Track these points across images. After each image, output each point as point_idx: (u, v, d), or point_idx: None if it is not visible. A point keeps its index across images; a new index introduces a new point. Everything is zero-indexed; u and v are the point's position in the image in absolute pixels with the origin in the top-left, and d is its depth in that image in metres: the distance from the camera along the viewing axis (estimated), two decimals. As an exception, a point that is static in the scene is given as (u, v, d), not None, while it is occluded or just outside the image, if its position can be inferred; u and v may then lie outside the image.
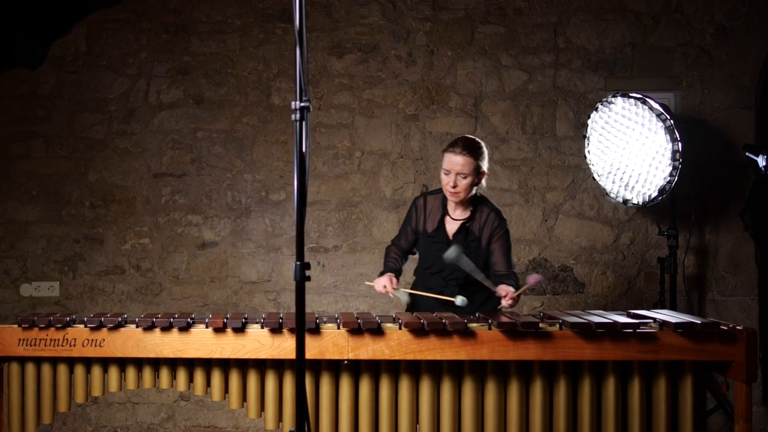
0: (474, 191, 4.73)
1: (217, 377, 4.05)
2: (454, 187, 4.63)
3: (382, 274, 4.84)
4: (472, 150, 4.64)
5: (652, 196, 5.73)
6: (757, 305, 6.49)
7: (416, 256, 5.05)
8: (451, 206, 4.81)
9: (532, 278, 4.58)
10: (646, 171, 5.74)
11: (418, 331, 3.91)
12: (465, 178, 4.63)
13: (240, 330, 3.97)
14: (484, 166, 4.72)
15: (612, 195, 6.01)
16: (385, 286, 4.71)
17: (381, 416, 3.99)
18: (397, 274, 4.88)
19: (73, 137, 6.52)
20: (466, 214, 4.78)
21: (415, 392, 3.99)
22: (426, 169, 6.46)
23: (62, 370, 4.10)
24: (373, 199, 6.49)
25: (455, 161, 4.62)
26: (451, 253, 4.58)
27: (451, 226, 4.79)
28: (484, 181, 4.79)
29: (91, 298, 6.52)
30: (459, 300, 4.55)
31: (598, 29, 6.51)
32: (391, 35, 6.53)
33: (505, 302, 4.56)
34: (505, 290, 4.56)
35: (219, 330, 3.98)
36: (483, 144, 4.77)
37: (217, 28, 6.53)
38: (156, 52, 6.55)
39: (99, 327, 4.01)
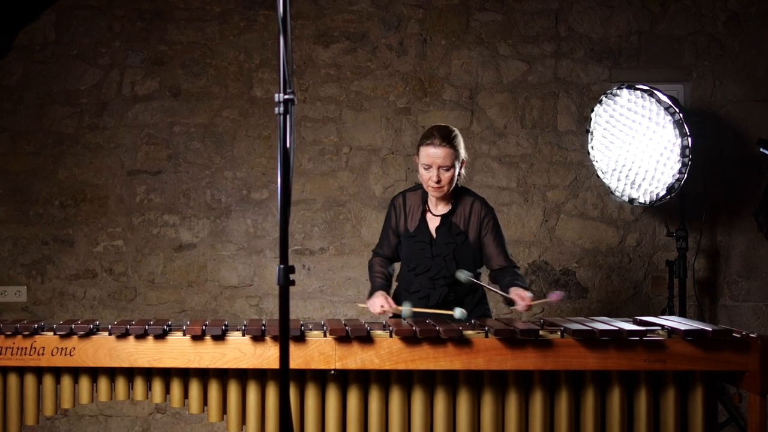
0: (456, 182, 4.73)
1: (195, 388, 4.04)
2: (438, 182, 4.61)
3: (371, 293, 4.80)
4: (450, 139, 4.61)
5: (660, 194, 5.73)
6: (771, 311, 6.52)
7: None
8: (431, 201, 4.80)
9: (555, 295, 4.54)
10: (653, 168, 5.75)
11: (410, 339, 3.91)
12: (448, 170, 4.61)
13: (220, 338, 3.97)
14: (463, 153, 4.70)
15: (617, 193, 6.02)
16: (382, 306, 4.63)
17: (370, 430, 3.99)
18: (387, 287, 4.87)
19: (42, 132, 6.51)
20: (448, 207, 4.77)
21: (407, 404, 3.99)
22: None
23: (30, 380, 4.08)
24: (361, 197, 6.49)
25: (436, 154, 4.59)
26: (461, 276, 4.59)
27: (433, 222, 4.77)
28: (463, 170, 4.77)
29: (60, 304, 6.51)
30: (458, 312, 4.46)
31: (603, 16, 6.52)
32: (381, 23, 6.53)
33: (519, 307, 4.48)
34: (520, 295, 4.49)
35: (197, 338, 3.97)
36: (457, 130, 4.73)
37: (196, 15, 6.53)
38: (130, 41, 6.54)
39: (69, 334, 4.00)
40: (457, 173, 4.66)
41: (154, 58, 6.53)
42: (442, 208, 4.77)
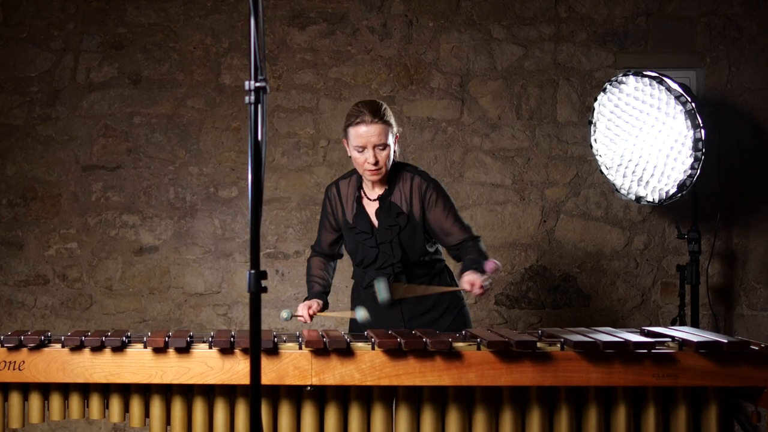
0: (392, 160, 4.68)
1: (157, 406, 4.03)
2: (376, 163, 4.55)
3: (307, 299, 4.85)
4: (381, 114, 4.56)
5: (670, 192, 5.75)
6: (792, 320, 6.55)
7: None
8: (367, 185, 4.76)
9: (489, 265, 4.46)
10: (662, 163, 5.77)
11: (395, 352, 3.91)
12: (384, 148, 4.56)
13: (184, 350, 3.96)
14: (396, 127, 4.66)
15: (623, 191, 6.03)
16: (301, 316, 4.72)
17: (351, 452, 4.01)
18: (324, 295, 4.88)
19: (-13, 123, 6.51)
20: (384, 187, 4.72)
21: (390, 424, 3.99)
22: (404, 160, 6.46)
23: (-27, 398, 4.09)
24: (342, 196, 6.49)
25: (369, 132, 4.52)
26: (381, 294, 4.53)
27: (372, 208, 4.73)
28: (397, 146, 4.70)
29: (8, 313, 6.50)
30: (359, 314, 4.50)
31: (607, -4, 6.55)
32: (362, 3, 6.53)
33: (475, 292, 4.45)
34: (471, 282, 4.46)
35: (159, 350, 3.96)
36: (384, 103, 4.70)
37: (158, -7, 6.54)
38: (85, 23, 6.52)
39: (18, 347, 3.99)
40: (392, 150, 4.63)
41: (111, 42, 6.52)
42: (378, 190, 4.73)
